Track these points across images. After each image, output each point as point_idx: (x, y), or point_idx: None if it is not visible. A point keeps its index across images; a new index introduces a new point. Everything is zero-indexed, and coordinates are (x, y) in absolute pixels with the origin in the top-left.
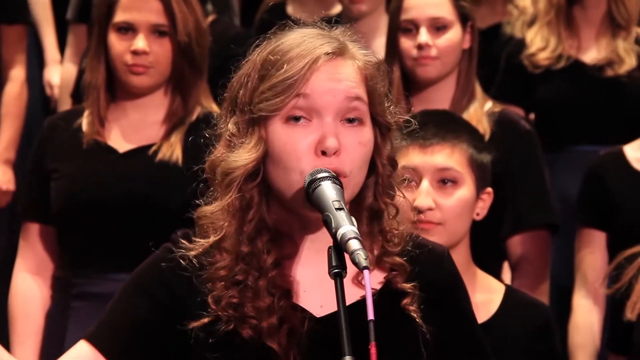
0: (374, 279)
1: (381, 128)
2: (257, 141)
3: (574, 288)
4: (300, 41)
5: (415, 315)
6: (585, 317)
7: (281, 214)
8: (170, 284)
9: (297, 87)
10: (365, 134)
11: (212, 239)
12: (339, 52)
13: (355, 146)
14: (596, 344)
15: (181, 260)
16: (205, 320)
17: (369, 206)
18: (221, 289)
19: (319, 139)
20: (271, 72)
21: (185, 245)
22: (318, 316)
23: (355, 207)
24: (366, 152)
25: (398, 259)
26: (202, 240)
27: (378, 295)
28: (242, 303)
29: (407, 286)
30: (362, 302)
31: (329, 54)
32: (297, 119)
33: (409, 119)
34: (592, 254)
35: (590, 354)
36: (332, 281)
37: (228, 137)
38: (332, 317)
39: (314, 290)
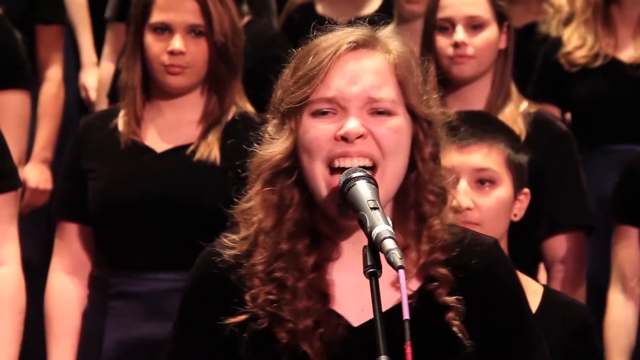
0: (414, 286)
1: (421, 123)
2: (287, 135)
3: (609, 284)
4: (330, 36)
5: (457, 329)
6: (620, 312)
7: (323, 216)
8: (212, 290)
9: (320, 77)
10: (396, 122)
11: (244, 233)
12: (365, 43)
13: (384, 132)
14: (631, 338)
15: (221, 259)
16: (242, 317)
17: (412, 204)
18: (258, 286)
19: (341, 125)
20: (299, 67)
21: (224, 243)
22: (355, 325)
23: (400, 206)
24: (398, 140)
25: (443, 270)
26: (236, 236)
27: (416, 304)
28: (279, 303)
29: (451, 299)
30: (398, 306)
31: (351, 42)
32: (324, 112)
33: (448, 113)
34: (627, 250)
35: (624, 348)
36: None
37: (267, 139)
38: (369, 325)
39: (355, 294)
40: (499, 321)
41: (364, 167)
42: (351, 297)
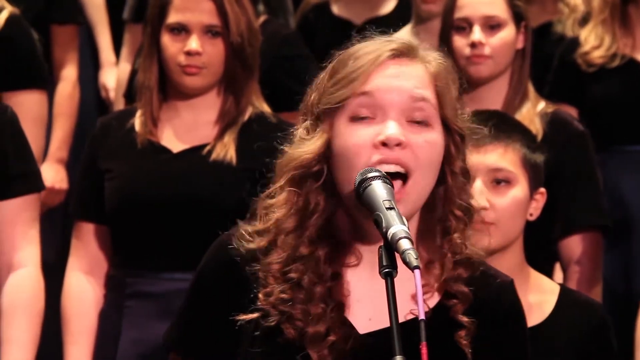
0: (434, 302)
1: (454, 136)
2: (319, 136)
3: None
4: (370, 42)
5: (466, 350)
6: None
7: (346, 224)
8: (225, 277)
9: (360, 81)
10: (433, 135)
11: (261, 225)
12: (406, 53)
13: (421, 144)
14: None
15: (236, 252)
16: (254, 314)
17: (438, 218)
18: (272, 284)
19: (380, 131)
20: (339, 70)
21: (241, 235)
22: (362, 332)
23: (427, 220)
24: (433, 153)
25: (464, 288)
26: (251, 228)
27: (431, 320)
28: (293, 302)
29: (466, 319)
30: (413, 320)
31: (394, 50)
32: (362, 118)
33: (477, 127)
34: None
35: None
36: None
37: (297, 140)
38: (377, 334)
39: (366, 303)
40: (504, 356)
41: (398, 173)
42: (362, 306)
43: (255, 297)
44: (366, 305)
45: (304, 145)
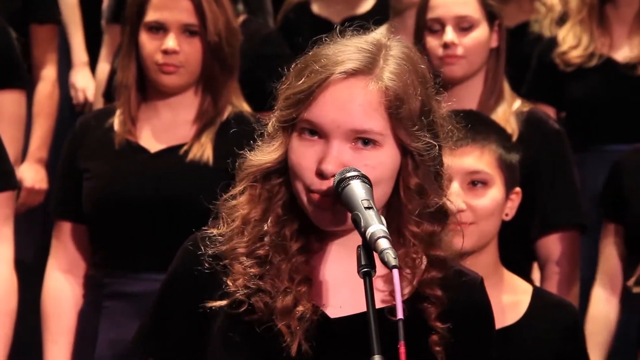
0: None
1: (412, 154)
2: (278, 145)
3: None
4: (328, 54)
5: (439, 356)
6: (601, 307)
7: None
8: (196, 279)
9: (306, 102)
10: (378, 156)
11: (225, 228)
12: (358, 72)
13: (362, 169)
14: (610, 333)
15: (205, 253)
16: (223, 301)
17: (395, 229)
18: (240, 268)
19: (320, 160)
20: (293, 82)
21: (207, 239)
22: (332, 317)
23: (390, 229)
24: (378, 174)
25: (437, 292)
26: (216, 231)
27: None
28: (261, 277)
29: (439, 325)
30: (378, 310)
31: (342, 73)
32: (311, 132)
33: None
34: (610, 247)
35: (601, 344)
36: (357, 283)
37: (265, 139)
38: (346, 320)
39: (337, 290)
40: (470, 353)
41: None
42: (333, 292)
43: (224, 284)
44: (337, 293)
45: (265, 153)
